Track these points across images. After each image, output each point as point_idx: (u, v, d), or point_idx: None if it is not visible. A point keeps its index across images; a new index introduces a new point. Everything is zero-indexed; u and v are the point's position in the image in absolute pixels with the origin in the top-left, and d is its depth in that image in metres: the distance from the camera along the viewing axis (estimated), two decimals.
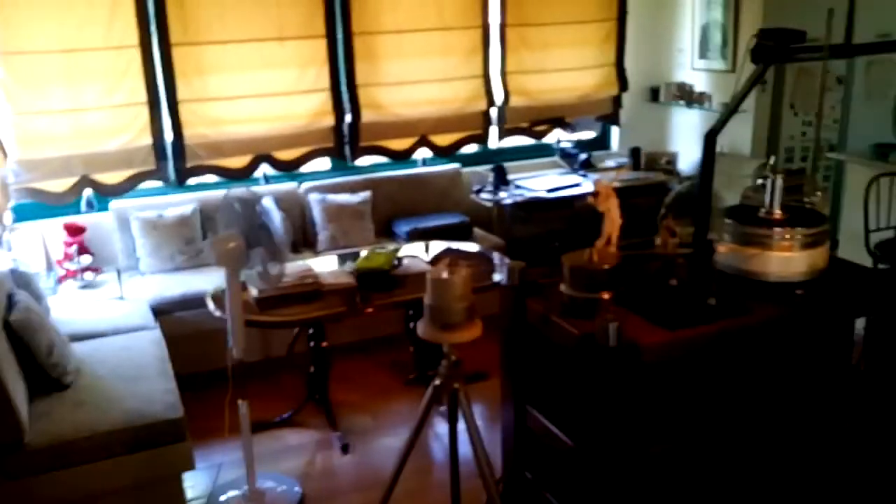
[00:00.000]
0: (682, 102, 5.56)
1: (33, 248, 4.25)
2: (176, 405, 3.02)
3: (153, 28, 4.23)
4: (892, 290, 2.44)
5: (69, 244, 4.31)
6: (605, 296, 2.27)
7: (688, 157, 5.64)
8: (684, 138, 5.72)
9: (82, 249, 4.36)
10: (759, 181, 2.55)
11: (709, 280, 2.36)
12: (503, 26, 5.09)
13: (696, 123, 5.59)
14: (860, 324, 2.78)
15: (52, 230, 4.34)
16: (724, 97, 5.30)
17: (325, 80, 4.68)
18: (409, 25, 4.80)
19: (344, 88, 4.74)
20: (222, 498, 3.28)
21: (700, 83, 5.49)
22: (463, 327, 2.21)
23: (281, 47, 4.51)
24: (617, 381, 2.08)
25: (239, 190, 3.03)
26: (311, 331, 3.83)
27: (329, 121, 4.75)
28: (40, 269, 4.19)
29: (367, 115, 4.82)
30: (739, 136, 5.25)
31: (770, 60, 2.47)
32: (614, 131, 5.87)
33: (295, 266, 3.82)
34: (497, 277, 3.65)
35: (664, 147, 5.81)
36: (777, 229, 2.34)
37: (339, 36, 4.66)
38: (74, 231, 4.34)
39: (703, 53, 5.42)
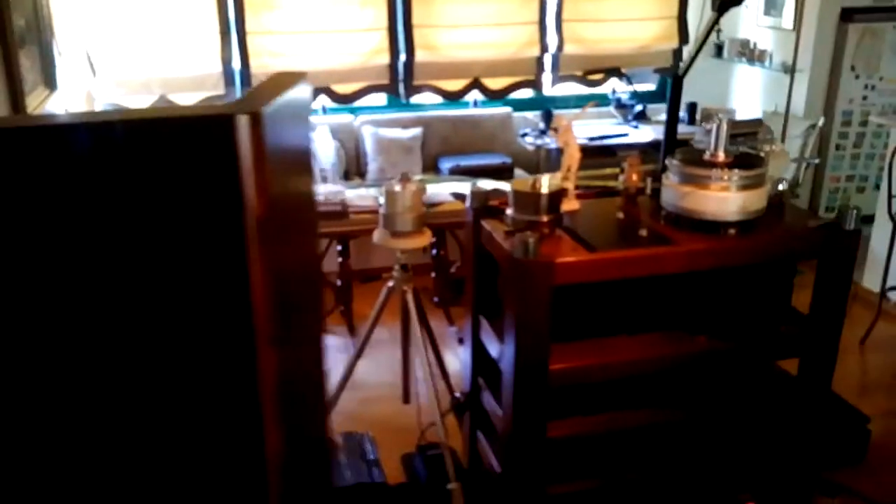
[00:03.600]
0: (744, 59, 5.52)
1: None
2: None
3: None
4: (834, 240, 2.55)
5: None
6: (544, 218, 2.51)
7: (747, 115, 5.61)
8: (746, 96, 5.69)
9: None
10: (708, 126, 2.68)
11: (648, 214, 2.55)
12: None
13: (757, 81, 5.54)
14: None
15: None
16: (786, 56, 5.24)
17: (382, 20, 4.98)
18: None
19: (400, 28, 5.04)
20: None
21: (763, 41, 5.42)
22: (411, 235, 2.51)
23: None
24: (530, 295, 2.32)
25: None
26: (339, 248, 4.23)
27: (385, 58, 5.06)
28: None
29: (421, 55, 5.11)
30: (794, 95, 5.19)
31: (725, 8, 2.59)
32: None
33: (329, 188, 4.21)
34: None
35: (725, 104, 5.79)
36: (713, 170, 2.49)
37: None
38: None
39: (768, 10, 5.34)
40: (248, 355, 1.05)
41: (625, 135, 5.28)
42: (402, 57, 5.10)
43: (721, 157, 2.55)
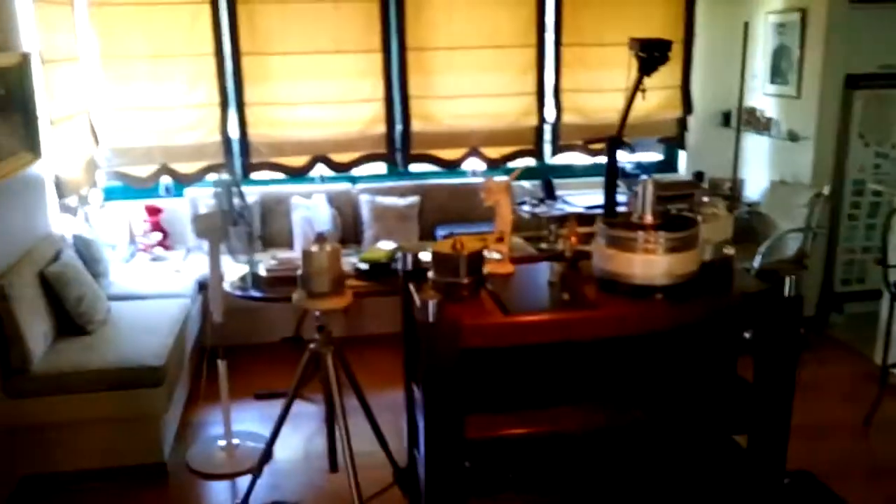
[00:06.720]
0: (751, 128, 5.40)
1: (119, 223, 4.98)
2: (160, 356, 3.50)
3: (226, 39, 4.84)
4: (771, 308, 2.40)
5: (147, 222, 5.00)
6: (464, 280, 2.44)
7: (756, 184, 5.46)
8: (754, 165, 5.54)
9: (159, 228, 5.04)
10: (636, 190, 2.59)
11: (574, 279, 2.46)
12: (558, 45, 5.23)
13: (765, 150, 5.41)
14: None
15: (135, 210, 5.05)
16: (793, 124, 5.10)
17: (379, 91, 5.07)
18: (462, 43, 5.08)
19: (397, 98, 5.11)
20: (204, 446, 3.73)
21: (770, 109, 5.31)
22: (329, 296, 2.47)
23: (339, 59, 4.97)
24: (436, 359, 2.23)
25: (224, 179, 3.48)
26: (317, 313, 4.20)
27: (381, 128, 5.13)
28: (123, 242, 4.91)
29: (417, 125, 5.16)
30: (800, 164, 5.03)
31: (650, 70, 2.54)
32: (682, 155, 5.79)
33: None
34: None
35: (734, 173, 5.64)
36: (638, 232, 2.39)
37: (394, 50, 5.04)
38: (153, 212, 5.03)
39: (774, 78, 5.25)
40: None
41: (624, 203, 5.17)
42: (399, 127, 5.16)
43: (648, 219, 2.46)
